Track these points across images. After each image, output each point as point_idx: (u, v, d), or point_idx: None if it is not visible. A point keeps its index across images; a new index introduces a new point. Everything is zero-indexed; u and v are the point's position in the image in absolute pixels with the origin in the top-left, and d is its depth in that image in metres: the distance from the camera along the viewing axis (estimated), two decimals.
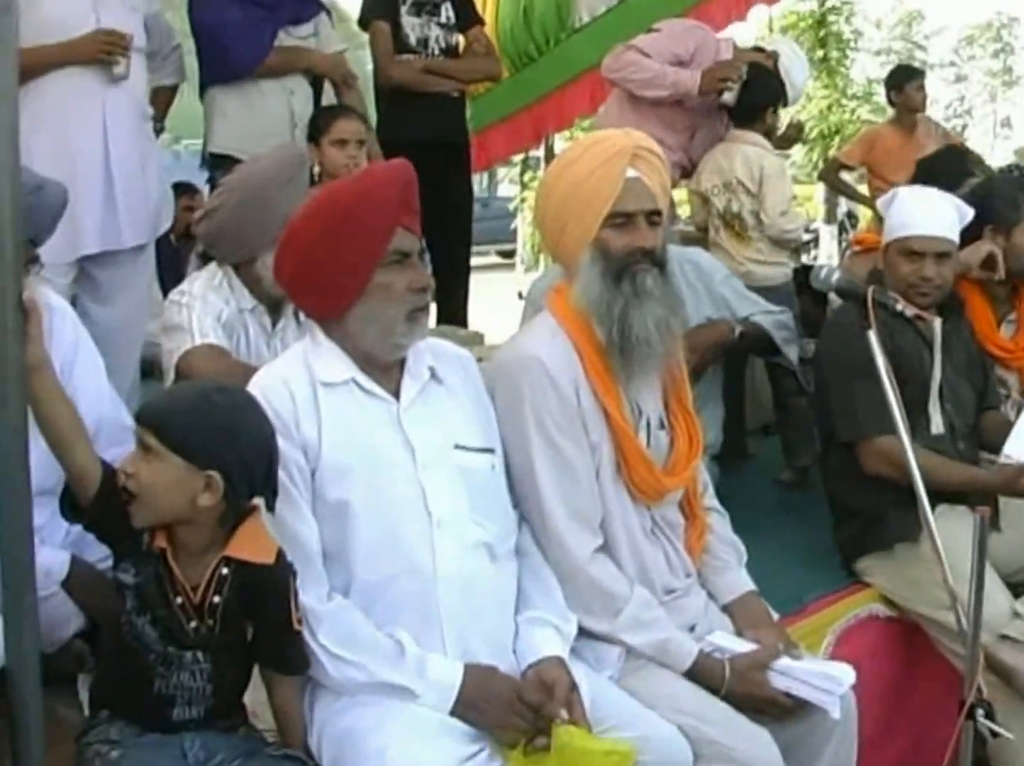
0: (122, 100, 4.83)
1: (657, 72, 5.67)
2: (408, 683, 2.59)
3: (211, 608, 2.47)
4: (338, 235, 2.72)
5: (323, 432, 2.68)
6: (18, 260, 2.17)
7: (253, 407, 2.54)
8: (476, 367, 2.97)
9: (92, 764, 2.41)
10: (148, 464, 2.41)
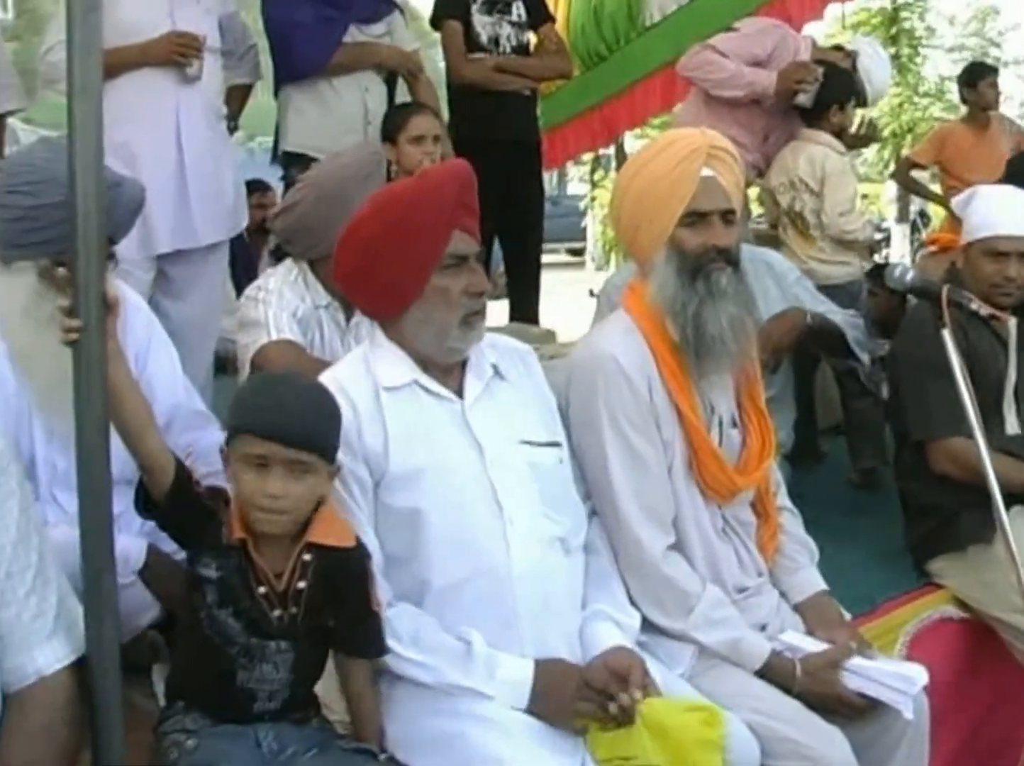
0: (195, 100, 4.90)
1: (733, 72, 5.66)
2: (478, 686, 2.60)
3: (295, 595, 2.49)
4: (395, 237, 2.73)
5: (389, 440, 2.68)
6: (101, 256, 2.20)
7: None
8: (536, 361, 2.98)
9: (169, 753, 2.44)
10: (299, 481, 2.44)
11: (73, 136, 2.16)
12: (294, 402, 2.49)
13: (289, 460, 2.43)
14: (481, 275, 2.77)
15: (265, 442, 2.43)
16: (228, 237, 5.19)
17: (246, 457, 2.45)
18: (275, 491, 2.43)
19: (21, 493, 2.24)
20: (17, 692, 2.18)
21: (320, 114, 5.50)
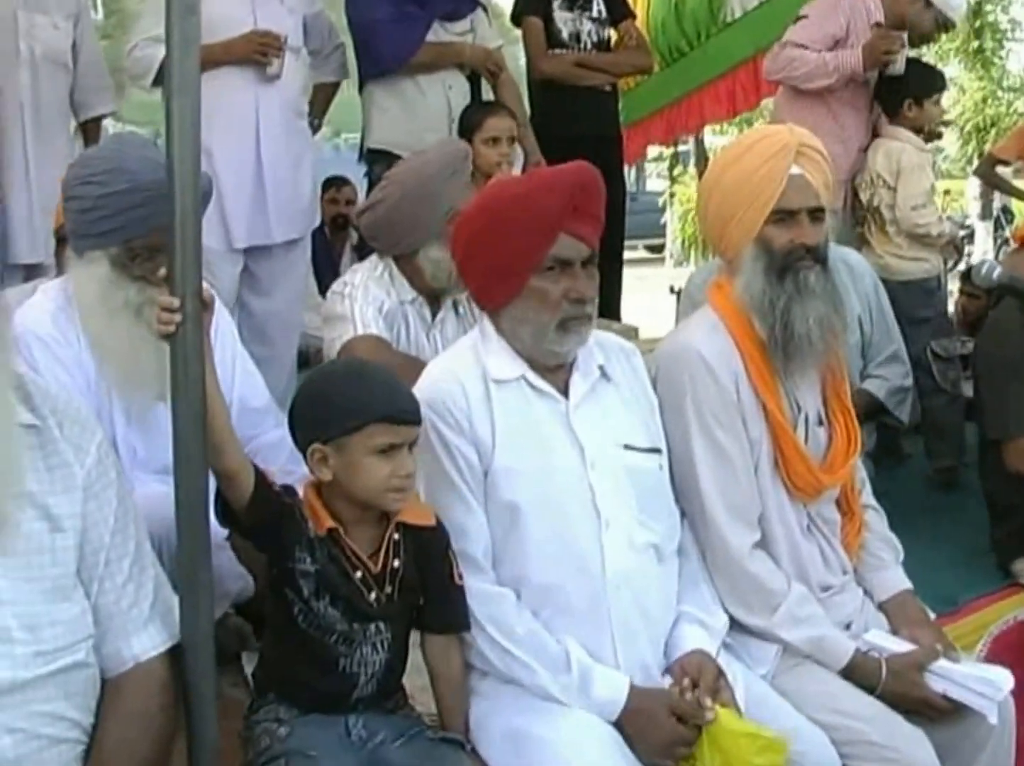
0: (275, 98, 4.97)
1: (817, 62, 5.58)
2: (571, 701, 2.61)
3: (392, 574, 2.54)
4: (497, 235, 2.74)
5: (496, 432, 2.70)
6: (198, 249, 2.22)
7: None
8: (641, 362, 2.97)
9: (261, 741, 2.48)
10: (413, 455, 2.51)
11: (171, 134, 2.19)
12: (397, 383, 2.56)
13: (413, 439, 2.52)
14: (586, 281, 2.73)
15: (400, 427, 2.49)
16: (303, 234, 5.25)
17: (377, 446, 2.48)
18: (411, 469, 2.49)
19: (119, 483, 2.29)
20: (114, 677, 2.23)
21: (404, 112, 5.53)
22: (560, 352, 2.76)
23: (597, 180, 2.79)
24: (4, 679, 2.03)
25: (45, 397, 2.24)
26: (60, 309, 3.25)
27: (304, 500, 2.54)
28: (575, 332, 2.74)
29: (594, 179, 2.78)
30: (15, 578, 2.08)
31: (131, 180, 3.11)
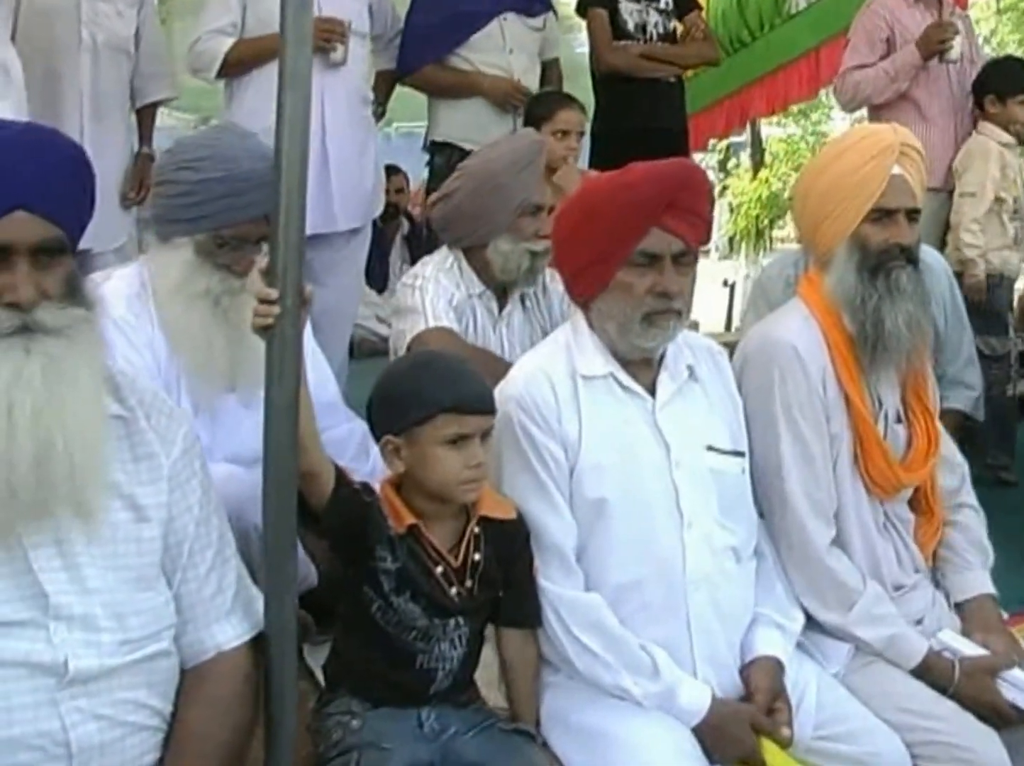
0: (340, 85, 4.96)
1: (878, 74, 5.61)
2: (651, 705, 2.61)
3: (472, 568, 2.55)
4: (590, 225, 2.74)
5: (584, 429, 2.70)
6: (301, 243, 2.23)
7: None
8: (727, 363, 2.96)
9: (333, 732, 2.50)
10: (486, 446, 2.52)
11: (280, 128, 2.20)
12: (470, 372, 2.57)
13: (484, 429, 2.52)
14: (675, 277, 2.71)
15: (468, 417, 2.49)
16: (365, 223, 5.25)
17: (446, 437, 2.49)
18: (481, 460, 2.50)
19: (203, 474, 2.31)
20: (196, 666, 2.25)
21: (470, 104, 5.52)
22: (644, 347, 2.75)
23: (697, 178, 2.79)
24: (91, 666, 2.05)
25: (133, 389, 2.27)
26: (135, 295, 3.25)
27: (383, 497, 2.54)
28: (660, 327, 2.73)
29: (693, 176, 2.77)
30: (102, 567, 2.11)
31: (229, 168, 3.13)
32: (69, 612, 2.05)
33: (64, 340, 2.05)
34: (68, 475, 2.03)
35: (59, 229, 2.09)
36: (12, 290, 2.02)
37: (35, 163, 2.09)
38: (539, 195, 3.85)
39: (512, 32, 5.55)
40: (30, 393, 2.00)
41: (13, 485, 1.99)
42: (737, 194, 20.62)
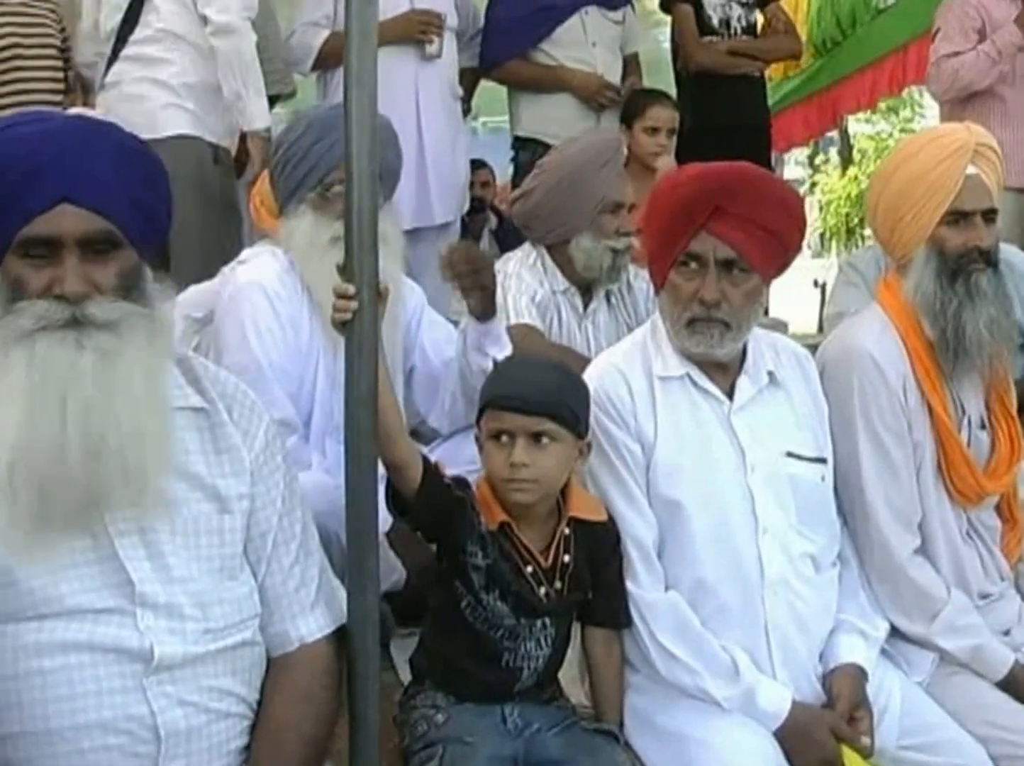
0: (434, 79, 5.00)
1: (979, 57, 5.51)
2: (733, 708, 2.61)
3: (562, 569, 2.56)
4: (652, 223, 2.77)
5: (659, 428, 2.70)
6: (375, 238, 2.25)
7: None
8: (814, 368, 2.92)
9: (418, 727, 2.53)
10: (544, 450, 2.50)
11: (349, 124, 2.21)
12: (532, 374, 2.58)
13: (530, 429, 2.50)
14: (721, 285, 2.67)
15: (506, 414, 2.50)
16: (457, 216, 5.28)
17: (491, 431, 2.53)
18: (518, 459, 2.49)
19: (286, 467, 2.33)
20: (280, 657, 2.27)
21: (553, 100, 5.51)
22: (694, 351, 2.73)
23: (751, 181, 2.73)
24: (176, 653, 2.08)
25: (215, 381, 2.29)
26: (285, 271, 3.35)
27: (477, 493, 2.56)
28: (702, 334, 2.70)
29: (744, 182, 2.72)
30: (186, 557, 2.14)
31: (308, 122, 3.30)
32: (154, 600, 2.09)
33: (116, 334, 2.06)
34: (120, 470, 2.04)
35: (108, 222, 2.10)
36: (60, 283, 2.04)
37: (81, 155, 2.10)
38: (619, 192, 3.86)
39: (594, 26, 5.54)
40: (82, 387, 2.03)
41: (66, 477, 2.02)
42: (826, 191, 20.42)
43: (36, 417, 2.01)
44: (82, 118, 2.34)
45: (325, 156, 3.23)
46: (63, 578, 2.05)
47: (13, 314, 2.04)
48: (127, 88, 4.76)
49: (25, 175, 2.05)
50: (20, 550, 2.03)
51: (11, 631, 2.03)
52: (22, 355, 2.02)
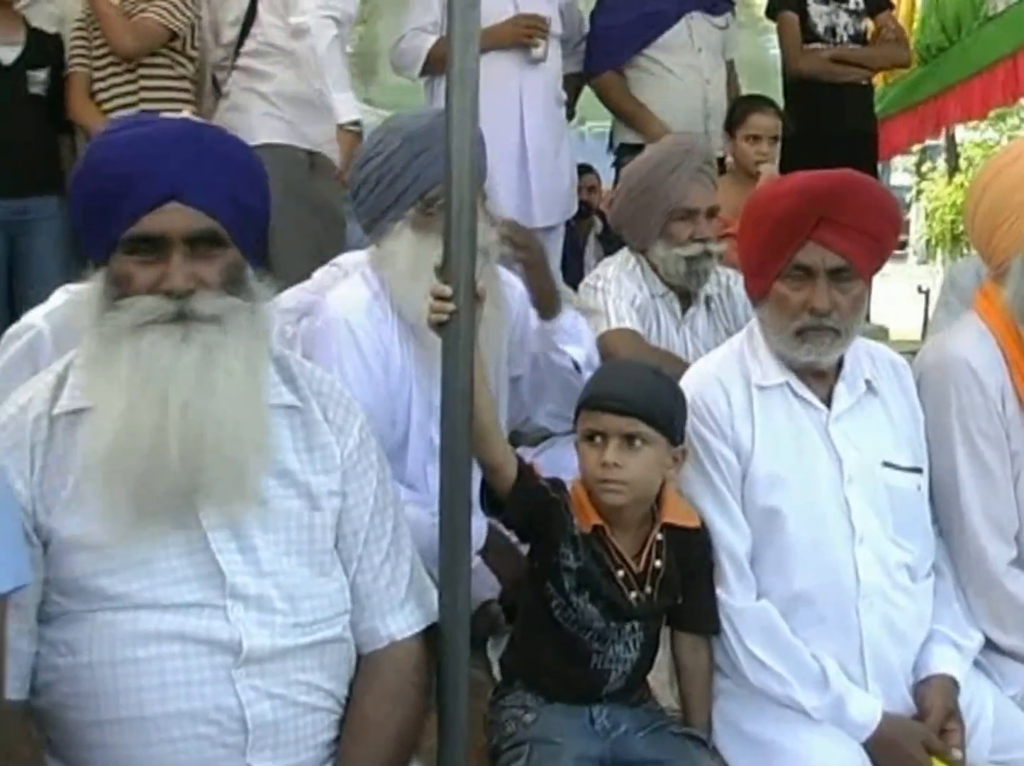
0: (538, 84, 5.02)
1: None
2: (822, 717, 2.59)
3: (653, 574, 2.55)
4: (753, 234, 2.74)
5: (756, 437, 2.68)
6: (473, 240, 2.26)
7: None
8: (911, 377, 2.89)
9: (506, 726, 2.54)
10: (637, 453, 2.50)
11: (450, 126, 2.23)
12: (628, 376, 2.59)
13: (623, 431, 2.50)
14: (830, 293, 2.64)
15: (600, 414, 2.51)
16: (561, 221, 5.28)
17: (585, 432, 2.54)
18: (610, 459, 2.49)
19: (379, 465, 2.35)
20: (370, 654, 2.29)
21: (659, 105, 5.49)
22: (802, 360, 2.71)
23: (856, 190, 2.68)
24: (264, 646, 2.11)
25: (310, 379, 2.32)
26: (375, 296, 3.27)
27: (572, 495, 2.57)
28: (813, 343, 2.67)
29: (851, 189, 2.67)
30: (276, 552, 2.17)
31: (405, 135, 3.17)
32: (245, 592, 2.12)
33: (220, 328, 2.11)
34: (218, 463, 2.08)
35: (213, 220, 2.14)
36: (167, 279, 2.09)
37: (190, 156, 2.15)
38: (690, 198, 3.80)
39: (699, 31, 5.53)
40: (184, 380, 2.07)
41: (164, 469, 2.06)
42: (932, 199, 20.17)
43: (138, 410, 2.06)
44: (187, 121, 2.41)
45: (426, 170, 3.12)
46: (156, 570, 2.10)
47: (121, 309, 2.09)
48: (234, 98, 4.98)
49: (133, 175, 2.10)
50: (116, 541, 2.08)
51: (106, 620, 2.08)
52: (128, 349, 2.07)
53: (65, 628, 2.11)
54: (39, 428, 2.15)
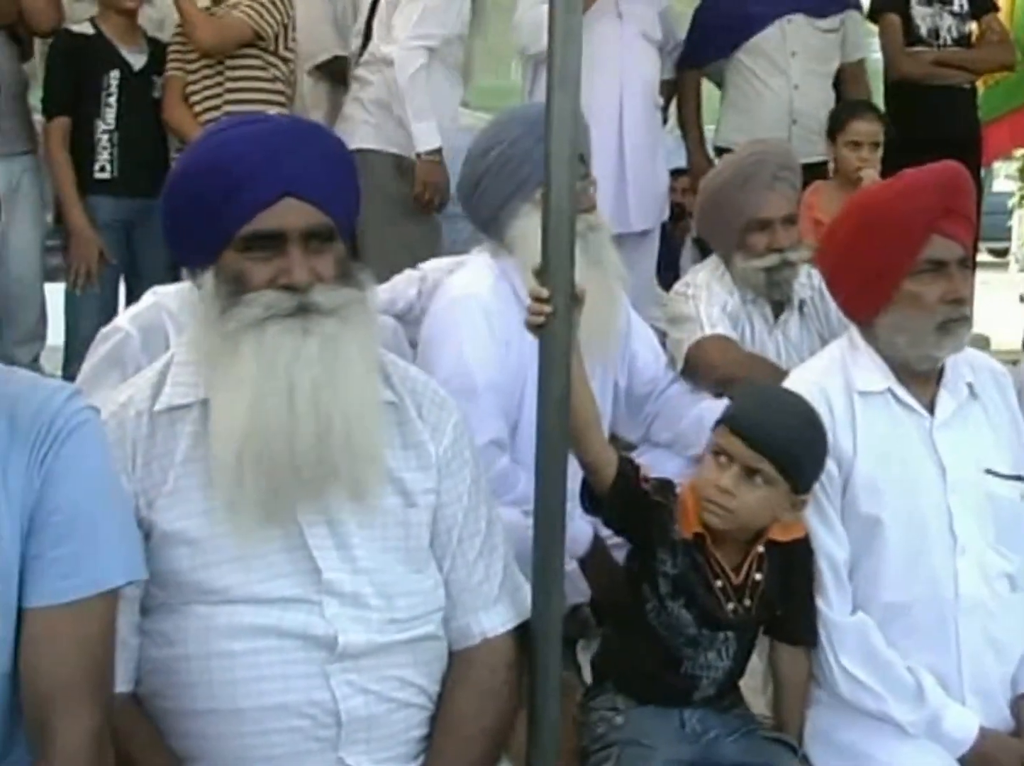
0: (636, 87, 5.02)
1: None
2: (917, 732, 2.57)
3: (752, 587, 2.53)
4: (868, 240, 2.68)
5: (858, 444, 2.65)
6: (572, 244, 2.26)
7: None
8: (1011, 385, 2.85)
9: (597, 727, 2.55)
10: (755, 489, 2.45)
11: (550, 128, 2.24)
12: (775, 409, 2.53)
13: (748, 463, 2.45)
14: (961, 281, 2.66)
15: (733, 437, 2.47)
16: (656, 224, 5.27)
17: (714, 447, 2.51)
18: (725, 485, 2.46)
19: (473, 462, 2.36)
20: (462, 651, 2.30)
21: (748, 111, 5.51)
22: (938, 356, 2.69)
23: (967, 179, 2.71)
24: (359, 642, 2.13)
25: (403, 377, 2.34)
26: (497, 280, 3.33)
27: (680, 498, 2.55)
28: (954, 335, 2.66)
29: (964, 178, 2.70)
30: (372, 549, 2.18)
31: (525, 122, 3.25)
32: (340, 589, 2.14)
33: (339, 320, 2.13)
34: (346, 452, 2.10)
35: (327, 215, 2.17)
36: (287, 273, 2.11)
37: (301, 152, 2.18)
38: (765, 209, 3.76)
39: (796, 35, 5.47)
40: (309, 371, 2.09)
41: (296, 462, 2.08)
42: None
43: (264, 403, 2.09)
44: (294, 118, 2.43)
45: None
46: (253, 565, 2.12)
47: (241, 305, 2.11)
48: (345, 107, 5.16)
49: (247, 172, 2.13)
50: (215, 536, 2.12)
51: (203, 613, 2.11)
52: (251, 344, 2.10)
53: (163, 620, 2.14)
54: (140, 424, 2.18)
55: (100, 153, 4.80)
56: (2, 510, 1.84)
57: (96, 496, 1.91)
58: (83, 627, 1.87)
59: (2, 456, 1.85)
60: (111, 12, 4.86)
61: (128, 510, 2.04)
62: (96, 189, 4.81)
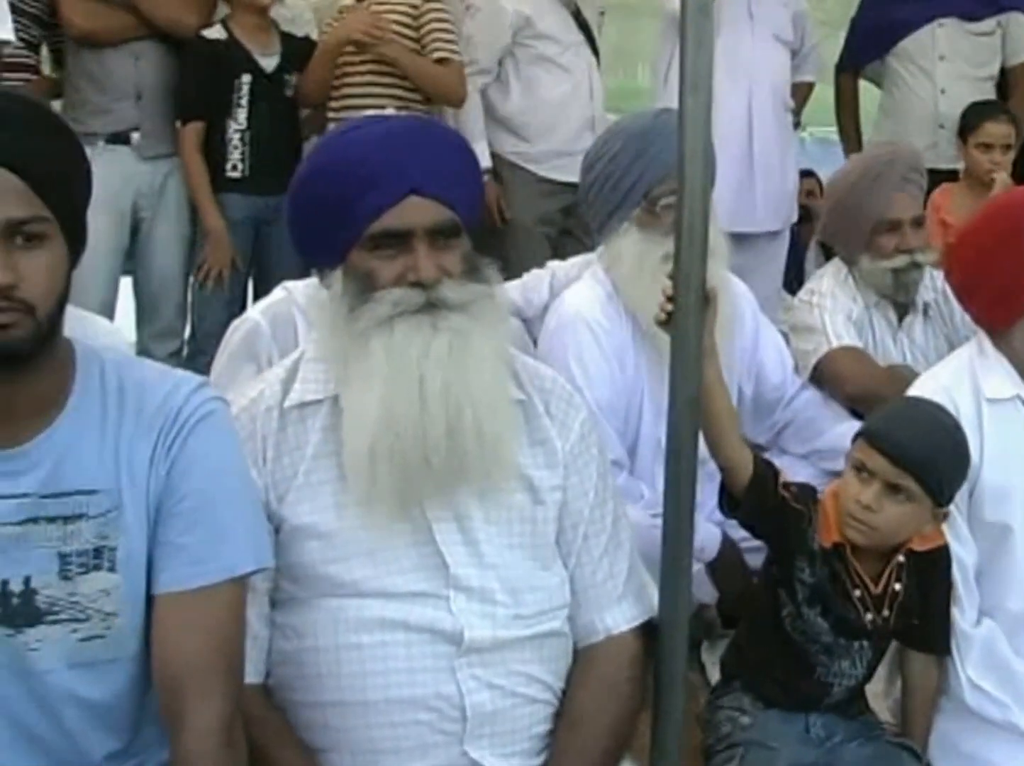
0: (766, 89, 4.99)
1: None
2: None
3: (891, 597, 2.51)
4: (1008, 248, 2.65)
5: (985, 451, 2.62)
6: (705, 246, 2.25)
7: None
8: None
9: (722, 727, 2.55)
10: (897, 504, 2.43)
11: (683, 131, 2.22)
12: (919, 425, 2.48)
13: (891, 480, 2.42)
14: None
15: (876, 452, 2.44)
16: (785, 226, 5.23)
17: (855, 461, 2.48)
18: (866, 501, 2.43)
19: (600, 459, 2.36)
20: (586, 647, 2.31)
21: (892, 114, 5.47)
22: None
23: None
24: (486, 637, 2.15)
25: (532, 375, 2.34)
26: (609, 296, 3.32)
27: (822, 505, 2.54)
28: None
29: None
30: (499, 544, 2.20)
31: (627, 135, 3.24)
32: (468, 584, 2.16)
33: (468, 315, 2.14)
34: (478, 445, 2.11)
35: (451, 211, 2.19)
36: (415, 270, 2.13)
37: (423, 150, 2.20)
38: (894, 210, 3.70)
39: (948, 38, 5.38)
40: (439, 366, 2.10)
41: (427, 455, 2.10)
42: None
43: (396, 398, 2.11)
44: (414, 116, 2.46)
45: (649, 168, 3.16)
46: (382, 559, 2.15)
47: (370, 303, 2.14)
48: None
49: (373, 173, 2.16)
50: (345, 530, 2.15)
51: (333, 606, 2.14)
52: (381, 340, 2.12)
53: (292, 613, 2.17)
54: (270, 419, 2.21)
55: (232, 152, 4.85)
56: (127, 498, 1.89)
57: (224, 484, 1.95)
58: (212, 613, 1.90)
59: (128, 445, 1.90)
60: (243, 12, 4.87)
61: (256, 499, 2.08)
62: (227, 187, 4.87)
